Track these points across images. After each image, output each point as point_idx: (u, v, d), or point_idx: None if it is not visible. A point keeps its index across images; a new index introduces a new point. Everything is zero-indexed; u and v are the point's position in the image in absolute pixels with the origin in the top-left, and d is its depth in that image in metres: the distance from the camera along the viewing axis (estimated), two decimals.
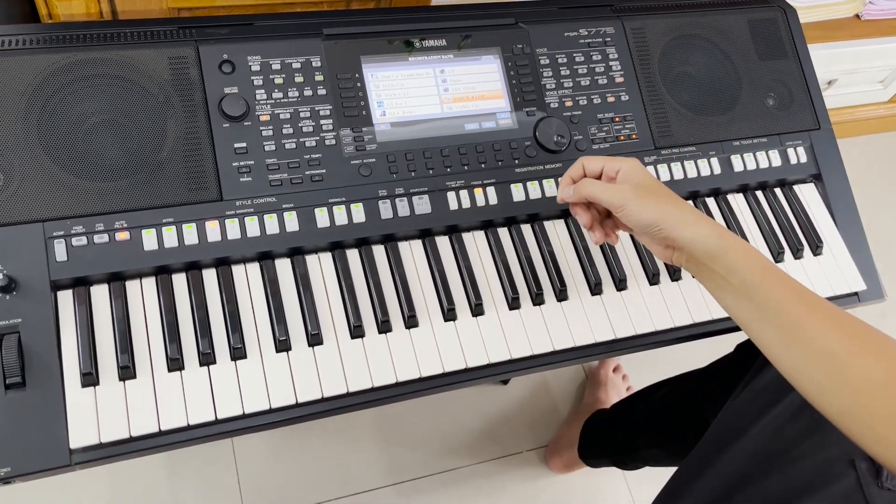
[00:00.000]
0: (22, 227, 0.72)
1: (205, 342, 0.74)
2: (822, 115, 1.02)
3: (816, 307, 0.65)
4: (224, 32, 0.84)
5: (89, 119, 0.77)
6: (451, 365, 0.80)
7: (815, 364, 0.63)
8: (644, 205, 0.72)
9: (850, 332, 0.63)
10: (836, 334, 0.63)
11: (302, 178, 0.81)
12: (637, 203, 0.72)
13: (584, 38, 0.95)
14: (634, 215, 0.73)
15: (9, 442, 0.67)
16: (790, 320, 0.65)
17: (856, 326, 0.64)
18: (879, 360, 0.61)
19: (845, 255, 0.97)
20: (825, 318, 0.64)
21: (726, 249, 0.69)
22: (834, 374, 0.62)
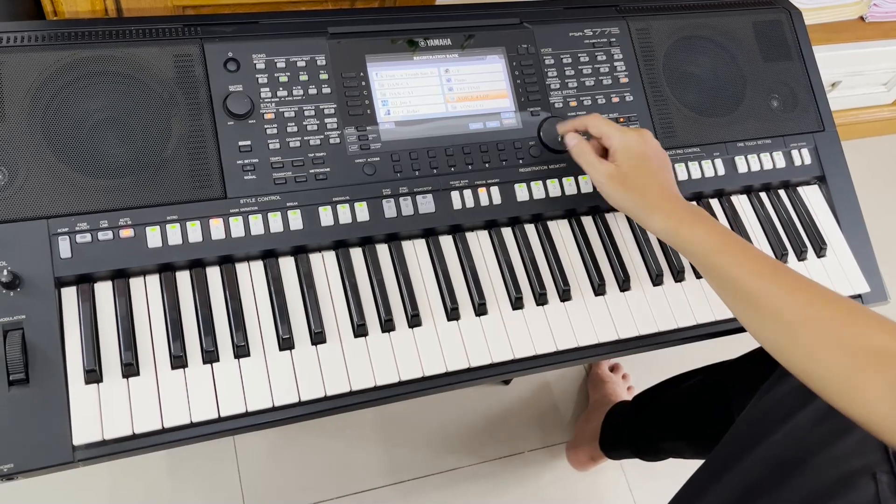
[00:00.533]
0: (26, 224, 0.72)
1: (208, 340, 0.74)
2: (827, 116, 1.02)
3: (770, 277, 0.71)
4: (229, 31, 0.84)
5: (94, 116, 0.77)
6: (454, 364, 0.79)
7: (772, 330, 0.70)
8: (614, 192, 0.80)
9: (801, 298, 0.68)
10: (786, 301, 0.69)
11: (306, 176, 0.81)
12: (608, 189, 0.81)
13: (589, 38, 0.95)
14: (607, 198, 0.82)
15: (11, 438, 0.67)
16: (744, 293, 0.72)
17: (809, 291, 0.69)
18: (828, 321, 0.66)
19: (849, 258, 0.97)
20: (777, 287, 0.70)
21: (680, 242, 0.77)
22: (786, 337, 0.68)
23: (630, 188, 0.79)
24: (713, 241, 0.74)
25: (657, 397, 1.16)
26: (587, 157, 0.83)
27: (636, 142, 0.81)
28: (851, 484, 0.71)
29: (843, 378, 0.63)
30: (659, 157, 0.82)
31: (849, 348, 0.64)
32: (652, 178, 0.80)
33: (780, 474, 0.74)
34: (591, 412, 1.36)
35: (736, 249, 0.74)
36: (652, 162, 0.81)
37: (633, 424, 1.19)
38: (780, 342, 0.69)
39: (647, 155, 0.81)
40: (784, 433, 0.76)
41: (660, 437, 1.12)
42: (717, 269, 0.74)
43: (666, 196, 0.79)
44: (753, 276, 0.71)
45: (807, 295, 0.69)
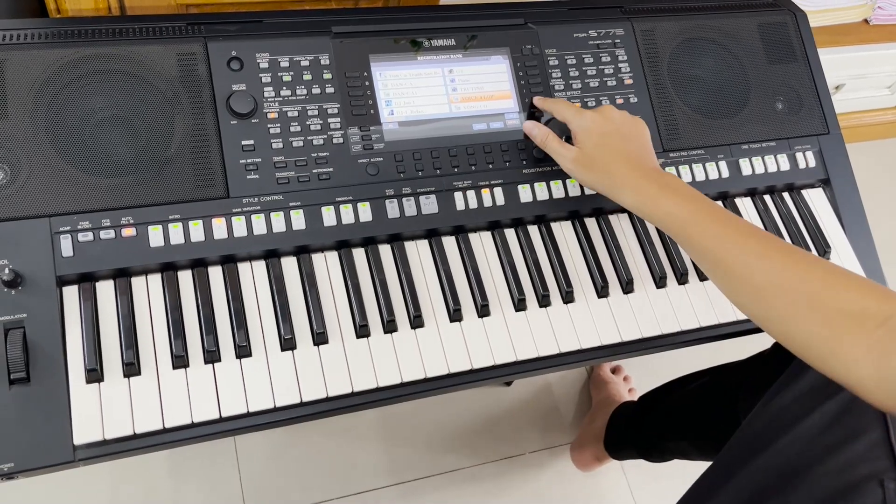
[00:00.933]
0: (28, 222, 0.72)
1: (210, 340, 0.74)
2: (832, 119, 1.02)
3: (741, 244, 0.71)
4: (233, 29, 0.84)
5: (97, 114, 0.77)
6: (457, 366, 0.79)
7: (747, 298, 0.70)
8: (581, 175, 0.82)
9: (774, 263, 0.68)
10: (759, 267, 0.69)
11: (309, 176, 0.81)
12: (575, 172, 0.83)
13: (594, 39, 0.95)
14: (578, 181, 0.85)
15: (12, 437, 0.67)
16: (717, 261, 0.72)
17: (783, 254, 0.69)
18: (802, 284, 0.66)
19: (853, 261, 0.96)
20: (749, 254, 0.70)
21: (652, 216, 0.77)
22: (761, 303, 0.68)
23: (595, 168, 0.80)
24: (683, 211, 0.75)
25: (663, 398, 1.15)
26: (551, 145, 0.84)
27: (594, 121, 0.82)
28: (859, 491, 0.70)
29: (822, 343, 0.63)
30: (622, 131, 0.82)
31: (826, 312, 0.64)
32: (615, 153, 0.80)
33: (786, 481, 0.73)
34: (595, 413, 1.35)
35: (707, 217, 0.74)
36: (613, 138, 0.81)
37: (638, 425, 1.19)
38: (756, 309, 0.69)
39: (606, 132, 0.81)
40: (791, 439, 0.76)
41: (665, 438, 1.12)
42: (690, 239, 0.74)
43: (632, 170, 0.79)
44: (726, 244, 0.71)
45: (780, 259, 0.68)
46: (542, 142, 0.86)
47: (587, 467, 1.35)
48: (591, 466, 1.34)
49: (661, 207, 0.76)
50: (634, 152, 0.81)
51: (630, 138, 0.82)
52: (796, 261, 0.68)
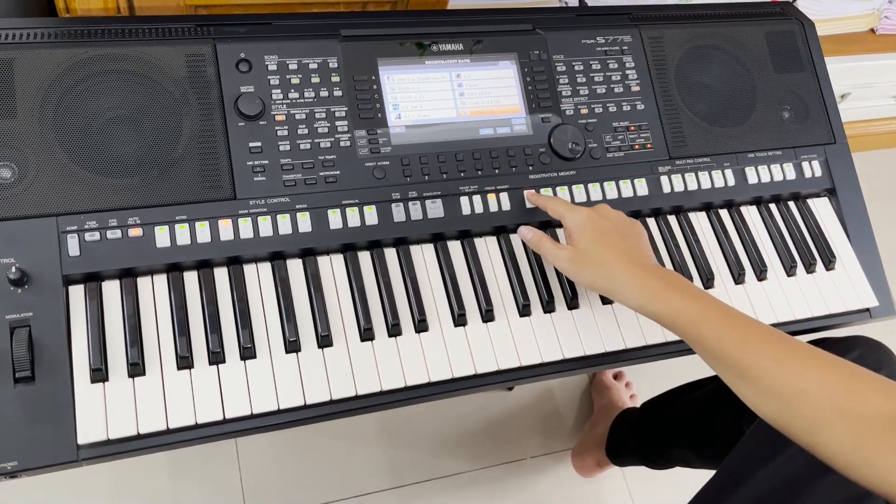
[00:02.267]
0: (35, 221, 0.72)
1: (214, 341, 0.74)
2: (838, 129, 1.02)
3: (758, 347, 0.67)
4: (242, 31, 0.84)
5: (105, 114, 0.77)
6: (461, 370, 0.79)
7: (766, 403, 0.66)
8: (578, 275, 0.78)
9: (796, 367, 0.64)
10: (779, 372, 0.65)
11: (316, 178, 0.81)
12: (572, 273, 0.79)
13: (602, 45, 0.95)
14: (575, 281, 0.81)
15: (16, 436, 0.67)
16: (733, 365, 0.68)
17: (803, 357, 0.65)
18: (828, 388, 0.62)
19: (858, 271, 0.96)
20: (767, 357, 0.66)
21: (658, 314, 0.73)
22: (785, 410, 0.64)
23: (592, 266, 0.76)
24: (692, 311, 0.70)
25: (667, 405, 1.15)
26: (545, 247, 0.81)
27: (590, 218, 0.78)
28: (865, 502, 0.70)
29: (852, 451, 0.60)
30: (619, 228, 0.79)
31: (854, 418, 0.60)
32: (613, 251, 0.76)
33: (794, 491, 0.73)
34: (597, 419, 1.35)
35: (718, 317, 0.70)
36: (610, 236, 0.77)
37: (641, 432, 1.19)
38: (779, 415, 0.65)
39: (602, 229, 0.78)
40: (796, 450, 0.75)
41: (668, 445, 1.12)
42: (701, 340, 0.70)
43: (632, 267, 0.75)
44: (742, 347, 0.67)
45: (802, 362, 0.65)
46: (535, 244, 0.82)
47: (588, 473, 1.35)
48: (593, 472, 1.34)
49: (670, 306, 0.71)
50: (634, 249, 0.78)
51: (628, 236, 0.79)
52: (818, 365, 0.64)
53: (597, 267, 0.76)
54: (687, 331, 0.71)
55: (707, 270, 0.91)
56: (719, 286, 0.91)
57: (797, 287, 0.93)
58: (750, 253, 0.94)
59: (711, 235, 0.94)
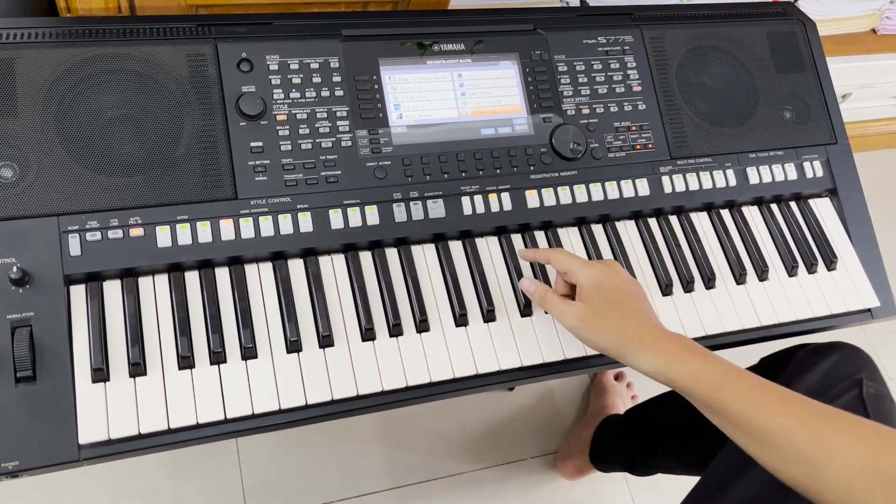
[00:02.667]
0: (37, 221, 0.72)
1: (216, 341, 0.74)
2: (840, 129, 1.02)
3: (780, 409, 0.65)
4: (243, 31, 0.84)
5: (106, 114, 0.77)
6: (462, 371, 0.79)
7: (791, 467, 0.64)
8: (590, 334, 0.74)
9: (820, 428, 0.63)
10: (804, 434, 0.63)
11: (317, 178, 0.81)
12: (584, 332, 0.74)
13: (603, 45, 0.95)
14: (584, 341, 0.76)
15: (17, 435, 0.67)
16: (755, 429, 0.65)
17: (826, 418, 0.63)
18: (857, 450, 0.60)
19: (859, 271, 0.96)
20: (791, 419, 0.64)
21: (676, 379, 0.70)
22: (812, 474, 0.62)
23: (606, 327, 0.73)
24: (710, 374, 0.68)
25: (651, 411, 1.15)
26: (552, 302, 0.77)
27: (604, 274, 0.75)
28: None
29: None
30: (631, 288, 0.76)
31: (886, 480, 0.58)
32: (628, 311, 0.73)
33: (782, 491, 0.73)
34: (587, 421, 1.35)
35: (738, 381, 0.68)
36: (627, 294, 0.75)
37: (624, 438, 1.18)
38: (806, 480, 0.62)
39: (618, 287, 0.74)
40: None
41: (652, 452, 1.11)
42: (720, 405, 0.67)
43: (649, 330, 0.72)
44: (763, 410, 0.65)
45: (826, 425, 0.63)
46: (540, 299, 0.78)
47: (571, 477, 1.34)
48: (575, 477, 1.34)
49: (689, 369, 0.69)
50: (646, 312, 0.75)
51: (639, 297, 0.76)
52: (844, 424, 0.63)
53: (613, 328, 0.72)
54: (707, 396, 0.68)
55: (708, 270, 0.91)
56: (720, 286, 0.91)
57: (798, 287, 0.93)
58: (751, 253, 0.94)
59: (713, 235, 0.94)
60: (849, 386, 0.80)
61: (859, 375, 0.81)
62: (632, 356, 0.72)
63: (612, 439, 1.22)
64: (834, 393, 0.80)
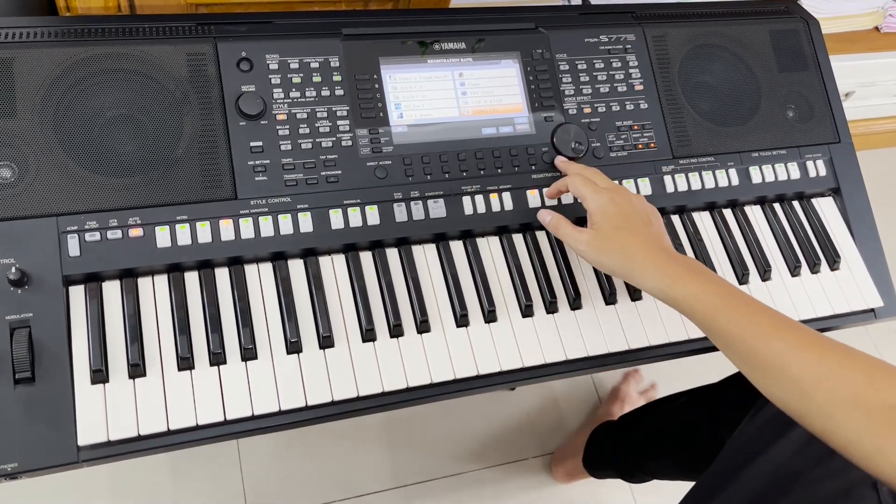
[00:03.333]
0: (36, 221, 0.72)
1: (215, 342, 0.73)
2: (843, 128, 1.01)
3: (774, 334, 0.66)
4: (243, 30, 0.83)
5: (105, 114, 0.76)
6: (463, 371, 0.79)
7: (782, 391, 0.65)
8: (597, 257, 0.77)
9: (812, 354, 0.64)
10: (794, 360, 0.64)
11: (317, 178, 0.81)
12: (590, 255, 0.78)
13: (605, 44, 0.94)
14: (593, 264, 0.79)
15: (16, 437, 0.67)
16: (748, 352, 0.67)
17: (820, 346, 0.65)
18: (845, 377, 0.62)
19: (863, 271, 0.96)
20: (783, 344, 0.66)
21: (676, 300, 0.72)
22: (800, 398, 0.64)
23: (613, 250, 0.76)
24: (711, 297, 0.70)
25: (644, 417, 1.15)
26: (564, 230, 0.80)
27: (611, 201, 0.77)
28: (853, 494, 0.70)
29: (866, 441, 0.59)
30: (641, 213, 0.78)
31: (869, 409, 0.60)
32: (635, 235, 0.76)
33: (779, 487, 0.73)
34: (587, 425, 1.34)
35: (737, 305, 0.70)
36: (633, 219, 0.77)
37: (618, 444, 1.18)
38: (794, 404, 0.65)
39: (625, 213, 0.77)
40: (781, 447, 0.75)
41: (646, 458, 1.11)
42: (718, 327, 0.70)
43: (653, 253, 0.75)
44: (759, 335, 0.67)
45: (819, 352, 0.64)
46: (554, 227, 0.82)
47: (563, 480, 1.34)
48: (566, 481, 1.33)
49: (688, 289, 0.71)
50: (655, 234, 0.77)
51: (649, 222, 0.78)
52: (835, 353, 0.64)
53: (618, 251, 0.76)
54: (704, 317, 0.71)
55: None
56: None
57: (801, 287, 0.93)
58: (754, 253, 0.93)
59: (715, 235, 0.94)
60: None
61: None
62: (638, 278, 0.75)
63: (606, 444, 1.21)
64: None
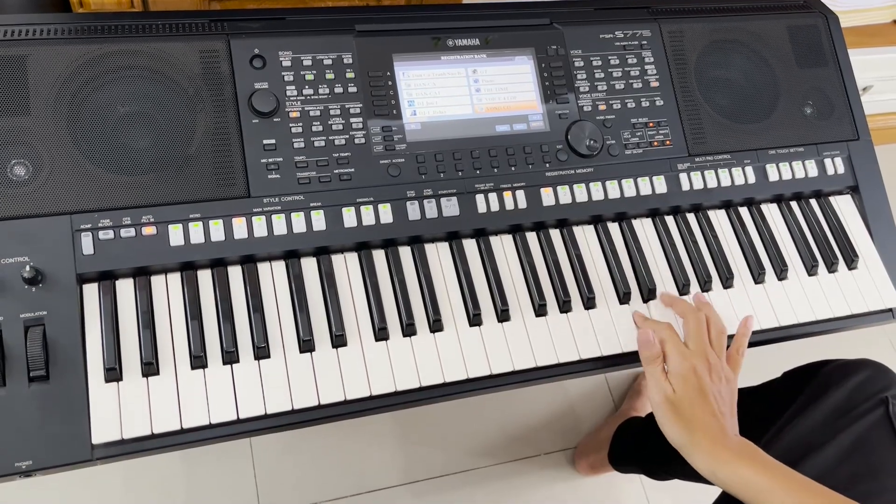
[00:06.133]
0: (49, 220, 0.72)
1: (228, 340, 0.73)
2: (862, 125, 1.00)
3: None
4: (256, 27, 0.83)
5: (119, 111, 0.76)
6: (476, 371, 0.78)
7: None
8: (666, 421, 0.76)
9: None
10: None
11: (330, 176, 0.80)
12: (661, 415, 0.77)
13: (620, 40, 0.93)
14: (657, 420, 0.78)
15: (31, 435, 0.67)
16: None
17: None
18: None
19: (881, 270, 0.94)
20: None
21: (726, 483, 0.72)
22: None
23: (681, 422, 0.75)
24: (761, 480, 0.70)
25: None
26: (655, 370, 0.79)
27: (694, 373, 0.77)
28: None
29: None
30: (715, 391, 0.77)
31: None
32: (702, 415, 0.75)
33: None
34: (612, 420, 1.34)
35: (787, 486, 0.69)
36: (707, 398, 0.76)
37: (644, 441, 1.17)
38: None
39: (703, 389, 0.76)
40: (810, 468, 0.75)
41: (668, 458, 1.10)
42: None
43: (710, 435, 0.74)
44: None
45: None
46: (649, 359, 0.80)
47: (587, 473, 1.34)
48: (590, 473, 1.33)
49: (740, 475, 0.71)
50: (715, 416, 0.76)
51: (721, 400, 0.77)
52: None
53: (684, 425, 0.75)
54: (754, 499, 0.70)
55: (726, 270, 0.89)
56: (738, 286, 0.90)
57: (818, 287, 0.92)
58: (770, 252, 0.92)
59: (731, 234, 0.93)
60: (875, 404, 0.80)
61: (886, 394, 0.80)
62: (689, 453, 0.75)
63: (631, 441, 1.21)
64: (860, 411, 0.79)
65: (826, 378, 0.85)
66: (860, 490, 0.71)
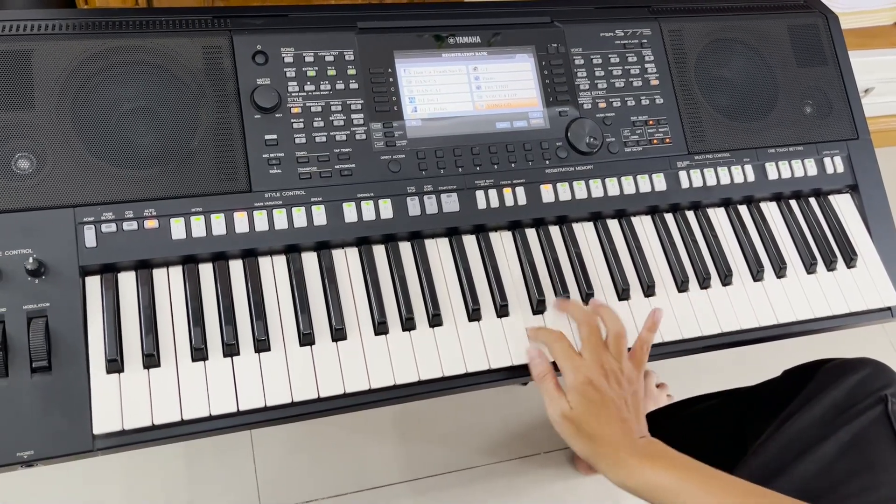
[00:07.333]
0: (52, 212, 0.73)
1: (229, 333, 0.74)
2: (861, 124, 1.00)
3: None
4: (258, 23, 0.84)
5: (122, 106, 0.77)
6: (475, 365, 0.79)
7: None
8: (568, 435, 0.75)
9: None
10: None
11: (331, 171, 0.81)
12: (562, 430, 0.75)
13: (620, 38, 0.94)
14: (561, 436, 0.76)
15: (32, 425, 0.68)
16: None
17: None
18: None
19: (880, 269, 0.95)
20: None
21: (635, 491, 0.71)
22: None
23: (580, 433, 0.74)
24: (670, 481, 0.69)
25: (670, 418, 1.14)
26: (547, 386, 0.76)
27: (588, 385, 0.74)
28: None
29: None
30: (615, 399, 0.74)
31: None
32: (605, 423, 0.73)
33: None
34: None
35: (698, 483, 0.68)
36: (606, 408, 0.74)
37: None
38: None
39: (600, 402, 0.74)
40: (808, 463, 0.75)
41: None
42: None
43: (614, 443, 0.72)
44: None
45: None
46: (538, 377, 0.77)
47: (585, 472, 1.34)
48: (588, 472, 1.34)
49: (647, 479, 0.70)
50: (618, 425, 0.74)
51: (620, 407, 0.75)
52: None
53: (587, 440, 0.73)
54: (668, 500, 0.69)
55: (725, 267, 0.90)
56: (737, 283, 0.90)
57: (817, 285, 0.92)
58: (769, 250, 0.93)
59: (730, 232, 0.93)
60: (874, 402, 0.80)
61: (885, 392, 0.80)
62: (598, 468, 0.73)
63: None
64: (859, 409, 0.80)
65: (825, 376, 0.86)
66: (857, 484, 0.71)
